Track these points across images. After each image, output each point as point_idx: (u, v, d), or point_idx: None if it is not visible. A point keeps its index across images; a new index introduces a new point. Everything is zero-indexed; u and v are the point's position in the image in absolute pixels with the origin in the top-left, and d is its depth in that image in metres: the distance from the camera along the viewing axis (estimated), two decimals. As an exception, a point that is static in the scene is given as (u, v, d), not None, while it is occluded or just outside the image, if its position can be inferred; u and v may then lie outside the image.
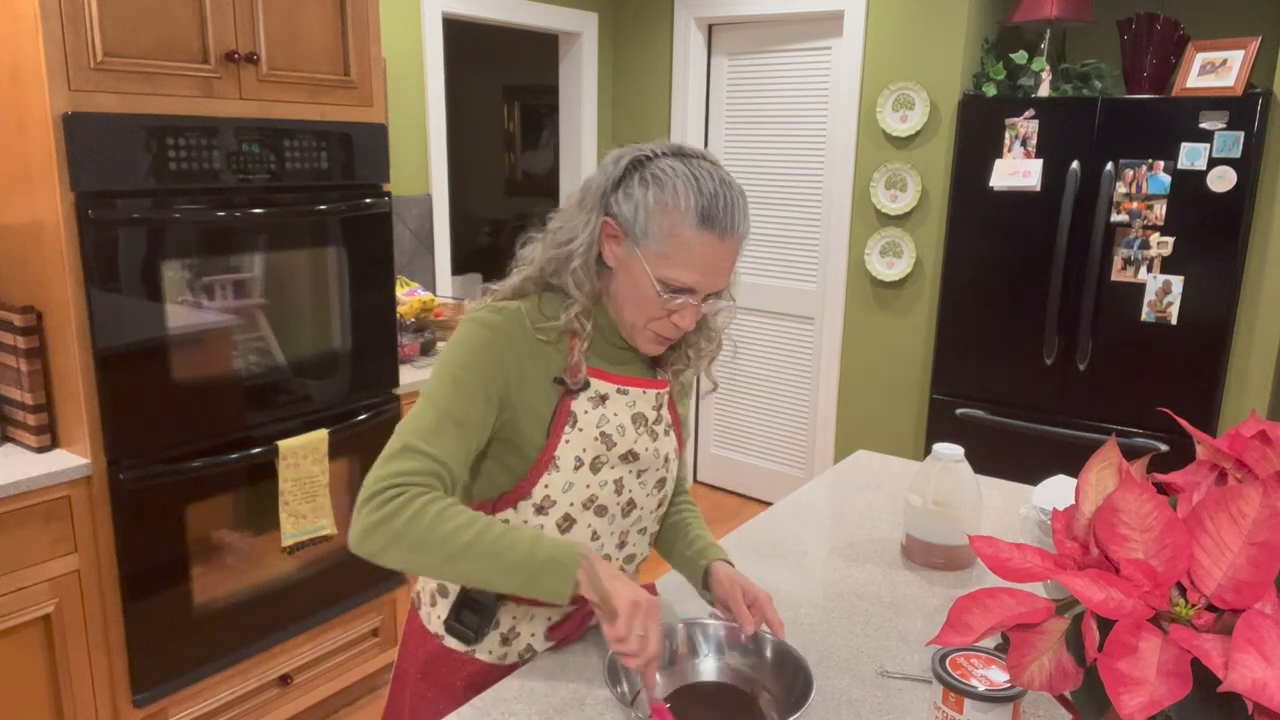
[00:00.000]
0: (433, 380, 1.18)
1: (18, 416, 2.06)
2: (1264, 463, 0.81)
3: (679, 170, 1.14)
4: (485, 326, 1.18)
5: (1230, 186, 2.88)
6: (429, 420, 1.14)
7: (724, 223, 1.13)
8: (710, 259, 1.14)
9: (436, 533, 1.08)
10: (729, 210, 1.14)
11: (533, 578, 1.09)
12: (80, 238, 1.90)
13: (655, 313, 1.18)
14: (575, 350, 1.20)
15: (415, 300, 3.03)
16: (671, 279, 1.14)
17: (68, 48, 1.85)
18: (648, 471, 1.28)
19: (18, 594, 1.95)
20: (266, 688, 2.45)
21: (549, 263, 1.21)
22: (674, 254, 1.14)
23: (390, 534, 1.08)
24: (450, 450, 1.14)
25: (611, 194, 1.17)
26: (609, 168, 1.18)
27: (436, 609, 1.32)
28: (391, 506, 1.09)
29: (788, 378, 4.18)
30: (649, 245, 1.14)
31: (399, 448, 1.13)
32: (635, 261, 1.16)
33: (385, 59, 3.10)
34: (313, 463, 2.36)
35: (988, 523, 1.77)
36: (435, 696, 1.31)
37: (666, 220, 1.13)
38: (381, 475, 1.11)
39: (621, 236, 1.17)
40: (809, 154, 3.94)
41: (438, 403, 1.15)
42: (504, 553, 1.09)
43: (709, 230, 1.13)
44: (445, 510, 1.10)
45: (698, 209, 1.12)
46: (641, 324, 1.20)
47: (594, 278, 1.19)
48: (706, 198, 1.12)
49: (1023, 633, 0.76)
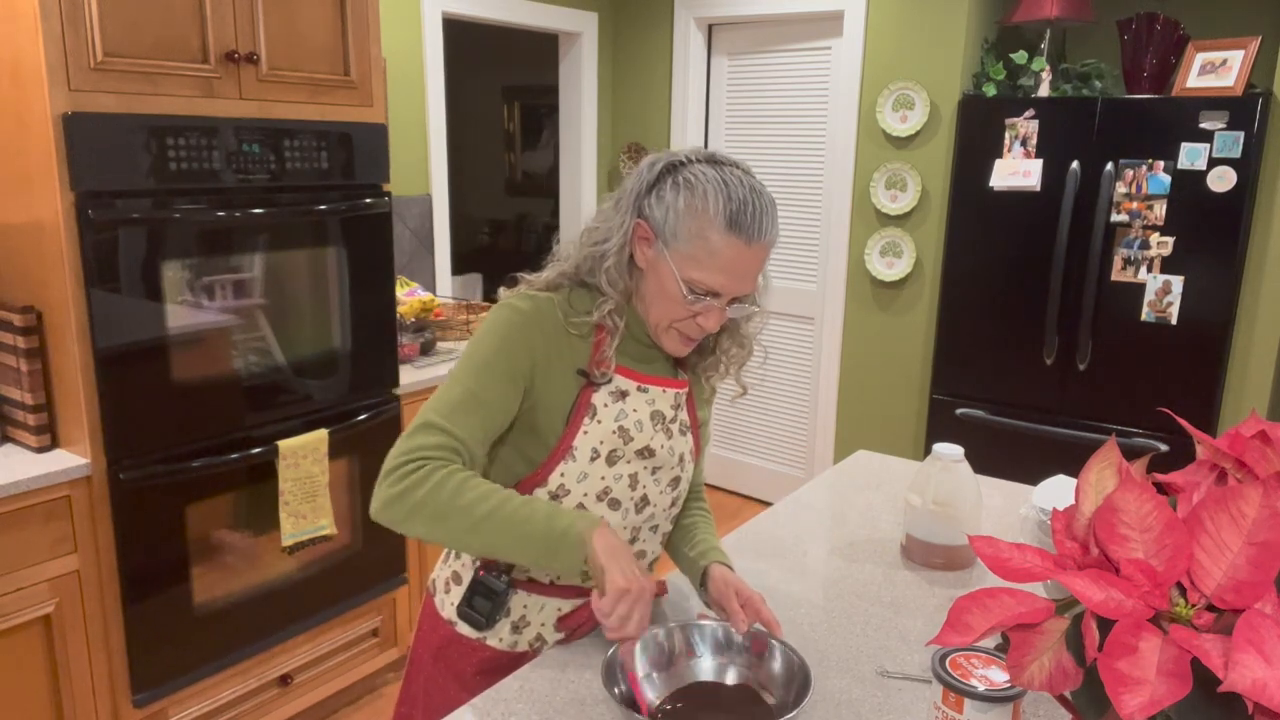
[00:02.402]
0: (463, 359, 1.22)
1: (18, 416, 2.06)
2: (1264, 463, 0.81)
3: (710, 176, 1.17)
4: (517, 311, 1.22)
5: (1230, 186, 2.88)
6: (453, 398, 1.18)
7: (751, 228, 1.16)
8: (736, 263, 1.17)
9: (456, 503, 1.12)
10: (757, 217, 1.16)
11: (550, 550, 1.12)
12: (80, 238, 1.90)
13: (680, 313, 1.21)
14: (604, 346, 1.23)
15: (415, 300, 3.03)
16: (697, 281, 1.17)
17: (68, 47, 1.84)
18: (663, 469, 1.30)
19: (18, 594, 1.95)
20: (266, 688, 2.45)
21: (584, 260, 1.25)
22: (701, 256, 1.16)
23: (412, 504, 1.12)
24: (471, 430, 1.17)
25: (645, 197, 1.20)
26: (644, 172, 1.22)
27: (450, 595, 1.35)
28: (412, 479, 1.13)
29: (788, 378, 4.18)
30: (678, 247, 1.17)
31: (421, 423, 1.17)
32: (664, 263, 1.19)
33: (385, 59, 3.10)
34: (313, 463, 2.37)
35: (988, 523, 1.77)
36: (447, 682, 1.34)
37: (695, 224, 1.16)
38: (403, 450, 1.15)
39: (652, 239, 1.20)
40: (809, 154, 3.94)
41: (464, 382, 1.19)
42: (522, 523, 1.12)
43: (736, 235, 1.15)
44: (466, 481, 1.13)
45: (726, 213, 1.15)
46: (666, 324, 1.23)
47: (626, 277, 1.23)
48: (735, 204, 1.15)
49: (1023, 633, 0.76)
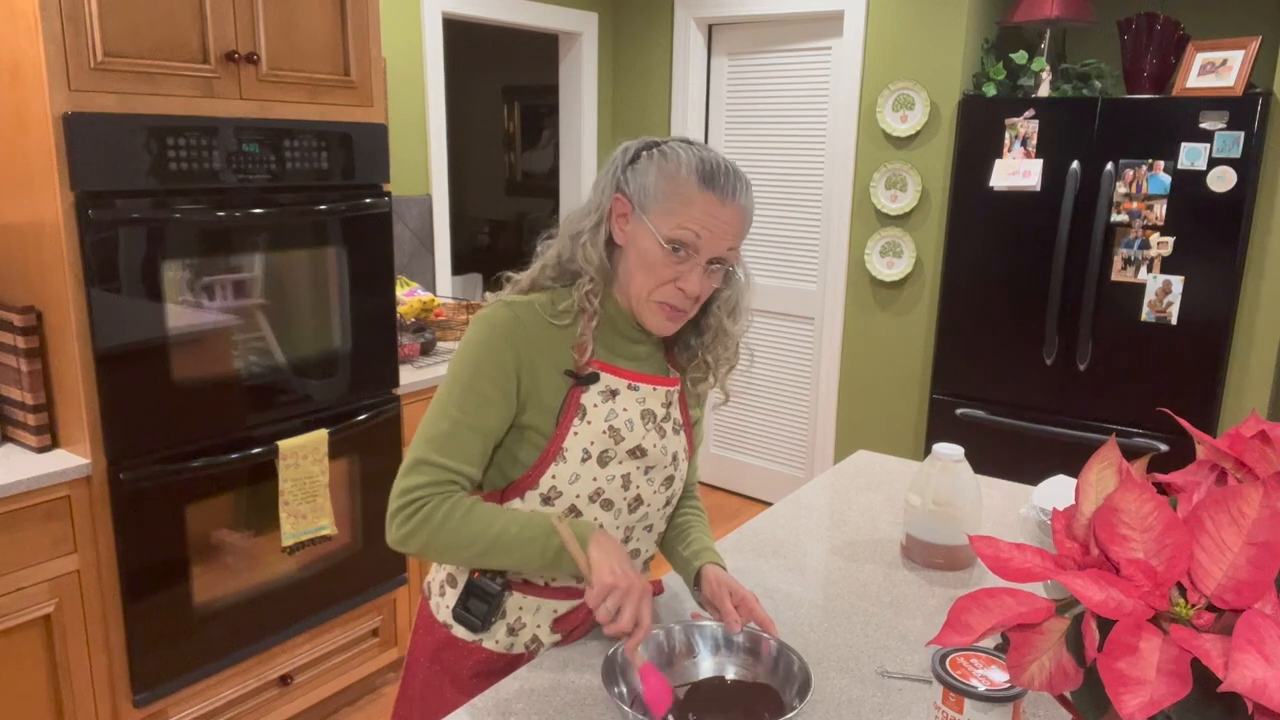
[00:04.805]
0: (445, 384, 1.23)
1: (18, 416, 2.06)
2: (1264, 463, 0.81)
3: (683, 147, 1.22)
4: (492, 325, 1.23)
5: (1230, 186, 2.88)
6: (442, 430, 1.21)
7: (725, 187, 1.19)
8: (710, 217, 1.19)
9: (459, 538, 1.18)
10: (730, 177, 1.20)
11: (553, 564, 1.19)
12: (80, 237, 1.90)
13: (663, 276, 1.21)
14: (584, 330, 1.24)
15: (415, 300, 3.03)
16: (674, 235, 1.19)
17: (68, 47, 1.84)
18: (655, 468, 1.30)
19: (18, 594, 1.95)
20: (266, 688, 2.45)
21: (564, 248, 1.27)
22: (677, 209, 1.19)
23: (421, 543, 1.19)
24: (465, 456, 1.21)
25: (621, 174, 1.23)
26: (619, 155, 1.25)
27: (445, 598, 1.35)
28: (416, 520, 1.18)
29: (788, 378, 4.18)
30: (654, 209, 1.20)
31: (414, 460, 1.20)
32: (642, 229, 1.21)
33: (385, 59, 3.10)
34: (313, 463, 2.37)
35: (988, 523, 1.77)
36: (443, 684, 1.34)
37: (670, 185, 1.19)
38: (401, 490, 1.20)
39: (630, 211, 1.22)
40: (809, 154, 3.94)
41: (448, 412, 1.21)
42: (526, 544, 1.18)
43: (709, 190, 1.18)
44: (468, 513, 1.18)
45: (699, 172, 1.19)
46: (646, 295, 1.22)
47: (603, 254, 1.24)
48: (709, 165, 1.20)
49: (1023, 633, 0.76)
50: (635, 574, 1.16)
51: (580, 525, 1.20)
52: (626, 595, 1.13)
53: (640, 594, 1.15)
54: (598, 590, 1.13)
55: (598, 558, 1.15)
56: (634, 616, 1.14)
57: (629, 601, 1.13)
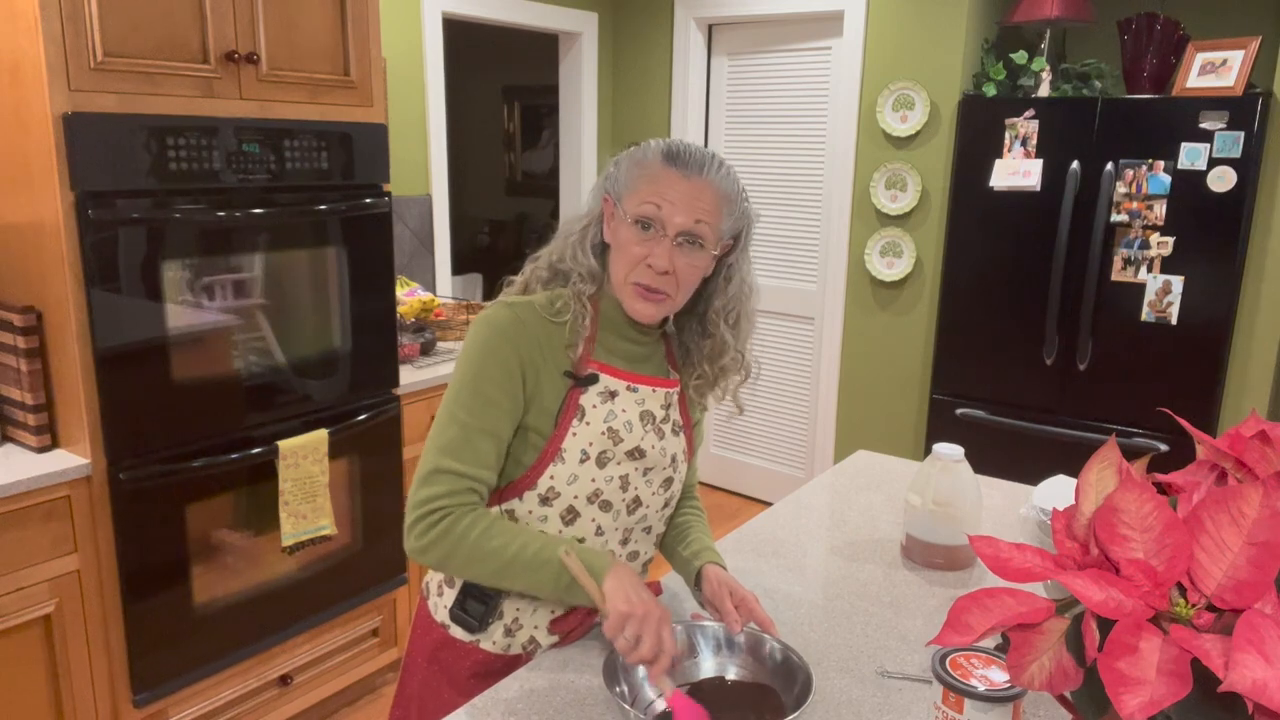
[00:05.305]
0: (452, 389, 1.23)
1: (18, 416, 2.06)
2: (1264, 463, 0.81)
3: (659, 139, 1.29)
4: (492, 326, 1.23)
5: (1230, 186, 2.88)
6: (453, 435, 1.20)
7: (689, 163, 1.21)
8: (672, 189, 1.21)
9: (478, 554, 1.18)
10: (696, 155, 1.23)
11: (568, 590, 1.18)
12: (80, 237, 1.90)
13: (635, 256, 1.22)
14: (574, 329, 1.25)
15: (415, 300, 3.03)
16: (639, 211, 1.21)
17: (68, 47, 1.84)
18: (654, 470, 1.30)
19: (18, 594, 1.95)
20: (266, 688, 2.45)
21: (557, 250, 1.31)
22: (642, 187, 1.22)
23: (441, 555, 1.19)
24: (480, 460, 1.21)
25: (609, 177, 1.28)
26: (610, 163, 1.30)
27: (443, 599, 1.34)
28: (436, 532, 1.18)
29: (788, 378, 4.18)
30: (626, 195, 1.24)
31: (430, 470, 1.20)
32: (618, 218, 1.24)
33: (385, 59, 3.10)
34: (313, 463, 2.37)
35: (988, 523, 1.77)
36: (441, 684, 1.34)
37: (638, 169, 1.24)
38: (419, 501, 1.20)
39: (614, 207, 1.25)
40: (809, 154, 3.94)
41: (459, 416, 1.21)
42: (541, 567, 1.18)
43: (672, 166, 1.21)
44: (488, 529, 1.18)
45: (663, 150, 1.23)
46: (624, 277, 1.24)
47: (590, 253, 1.27)
48: (675, 145, 1.23)
49: (1023, 633, 0.76)
50: (652, 601, 1.15)
51: (595, 556, 1.18)
52: (644, 622, 1.12)
53: (659, 620, 1.13)
54: (614, 620, 1.12)
55: (612, 587, 1.14)
56: (655, 644, 1.12)
57: (648, 629, 1.11)
